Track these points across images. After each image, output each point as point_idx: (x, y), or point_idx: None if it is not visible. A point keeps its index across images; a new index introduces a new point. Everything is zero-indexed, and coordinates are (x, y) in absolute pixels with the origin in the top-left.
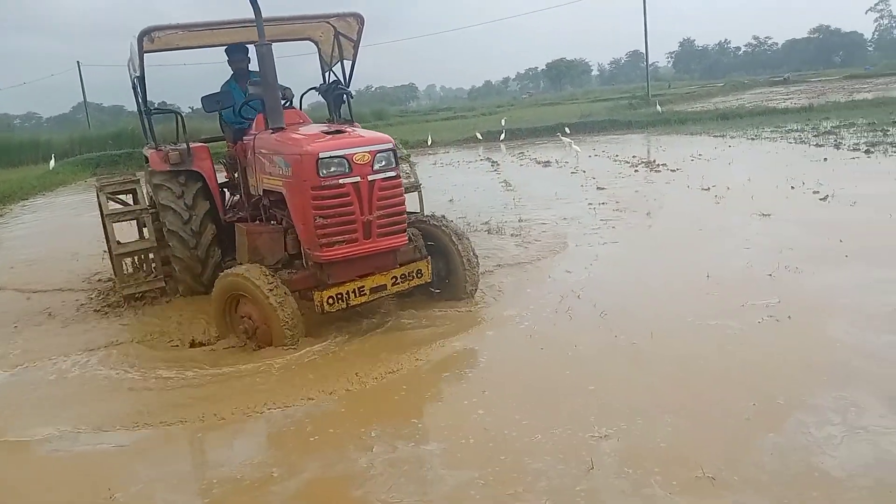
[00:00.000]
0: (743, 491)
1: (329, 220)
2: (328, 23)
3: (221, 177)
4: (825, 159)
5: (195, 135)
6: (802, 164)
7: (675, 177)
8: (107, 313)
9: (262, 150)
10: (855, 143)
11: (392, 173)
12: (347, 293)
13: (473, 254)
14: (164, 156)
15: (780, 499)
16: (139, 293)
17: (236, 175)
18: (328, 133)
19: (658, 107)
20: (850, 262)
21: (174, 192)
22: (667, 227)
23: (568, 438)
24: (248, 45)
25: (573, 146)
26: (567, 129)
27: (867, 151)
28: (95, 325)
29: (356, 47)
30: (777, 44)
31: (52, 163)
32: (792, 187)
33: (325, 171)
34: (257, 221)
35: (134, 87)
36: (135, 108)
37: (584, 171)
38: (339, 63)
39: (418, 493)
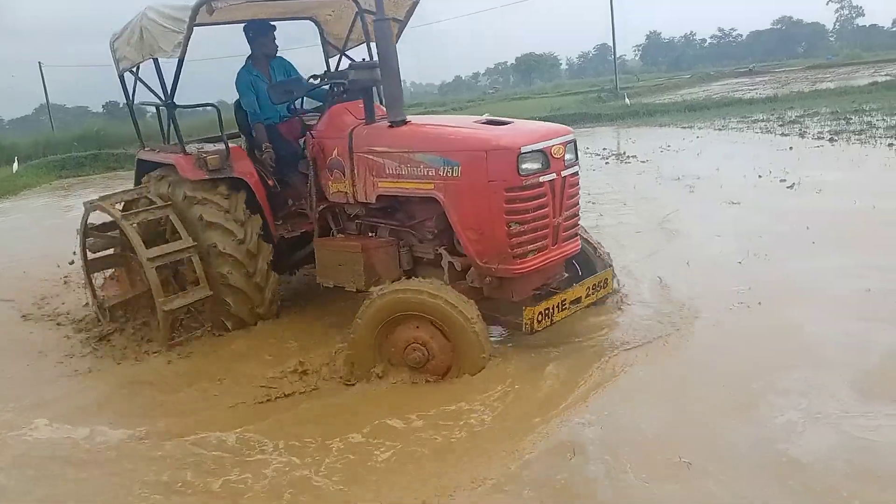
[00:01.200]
0: (720, 476)
1: (526, 227)
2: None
3: None
4: (791, 148)
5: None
6: (769, 153)
7: (646, 168)
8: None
9: (380, 149)
10: (819, 132)
11: (577, 168)
12: (553, 308)
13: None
14: (198, 161)
15: (757, 483)
16: (185, 308)
17: (274, 178)
18: (487, 124)
19: (627, 99)
20: (817, 249)
21: (220, 206)
22: (640, 217)
23: (550, 426)
24: (275, 24)
25: None
26: None
27: (831, 140)
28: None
29: (402, 27)
30: (741, 35)
31: (15, 166)
32: (759, 176)
33: (525, 169)
34: (337, 234)
35: (121, 77)
36: (100, 109)
37: None
38: (366, 46)
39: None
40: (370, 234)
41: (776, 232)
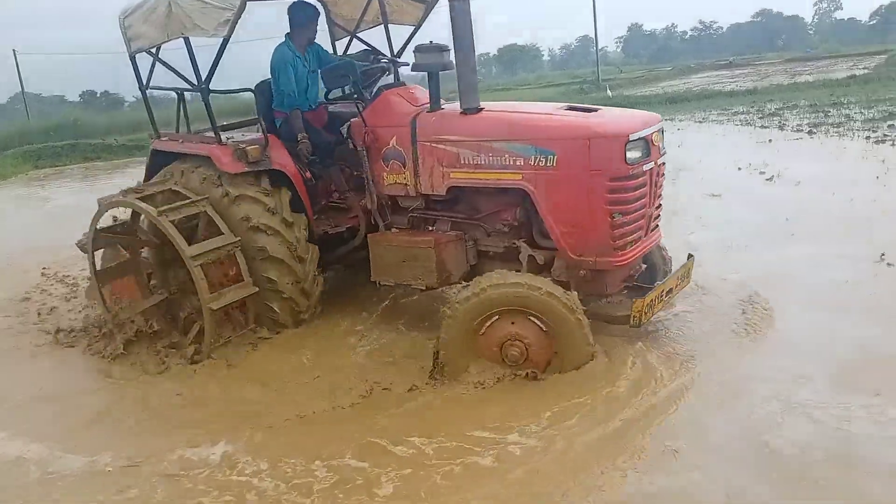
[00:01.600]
0: (706, 464)
1: (629, 217)
2: None
3: None
4: (770, 140)
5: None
6: (749, 145)
7: None
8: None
9: (453, 137)
10: (798, 125)
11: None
12: (654, 300)
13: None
14: (237, 151)
15: (741, 470)
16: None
17: (309, 171)
18: (570, 111)
19: (608, 91)
20: (796, 240)
21: (265, 204)
22: None
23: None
24: (316, 6)
25: None
26: None
27: (810, 132)
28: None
29: (429, 8)
30: (722, 28)
31: None
32: (739, 168)
33: (631, 157)
34: (385, 229)
35: (132, 58)
36: (77, 98)
37: None
38: (384, 28)
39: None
40: (429, 229)
41: (756, 223)
